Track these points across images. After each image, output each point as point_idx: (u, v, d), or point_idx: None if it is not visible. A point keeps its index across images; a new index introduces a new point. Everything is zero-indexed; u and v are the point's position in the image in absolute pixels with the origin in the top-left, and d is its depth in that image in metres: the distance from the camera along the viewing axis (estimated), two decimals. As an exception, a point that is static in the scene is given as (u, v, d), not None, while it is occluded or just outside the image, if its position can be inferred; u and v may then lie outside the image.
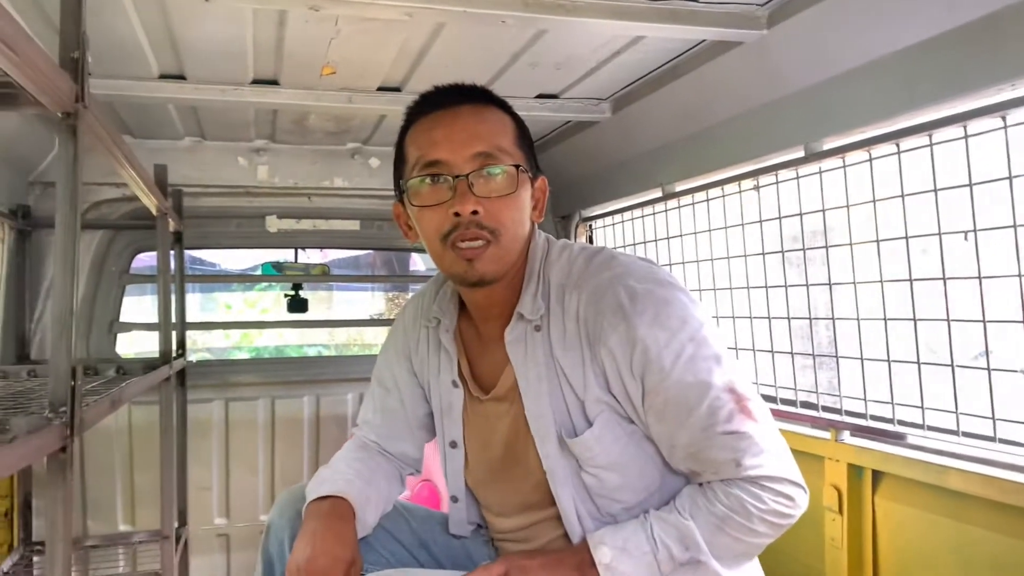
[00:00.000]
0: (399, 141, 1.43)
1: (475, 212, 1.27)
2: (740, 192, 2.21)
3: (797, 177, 1.98)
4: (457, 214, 1.27)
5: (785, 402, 2.10)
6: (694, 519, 1.25)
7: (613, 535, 1.26)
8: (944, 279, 1.60)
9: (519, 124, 1.40)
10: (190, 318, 3.01)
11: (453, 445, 1.47)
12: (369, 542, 1.42)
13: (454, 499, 1.51)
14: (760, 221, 2.14)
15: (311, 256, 3.77)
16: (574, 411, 1.32)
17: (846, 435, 1.88)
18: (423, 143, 1.34)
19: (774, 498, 1.23)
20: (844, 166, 1.82)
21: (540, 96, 2.41)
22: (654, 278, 1.30)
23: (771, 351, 2.17)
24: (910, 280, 1.68)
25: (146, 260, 3.18)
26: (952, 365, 1.61)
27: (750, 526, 1.23)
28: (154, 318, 2.53)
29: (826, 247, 1.92)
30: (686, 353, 1.23)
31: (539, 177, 1.41)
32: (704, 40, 1.92)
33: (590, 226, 3.18)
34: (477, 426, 1.45)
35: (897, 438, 1.75)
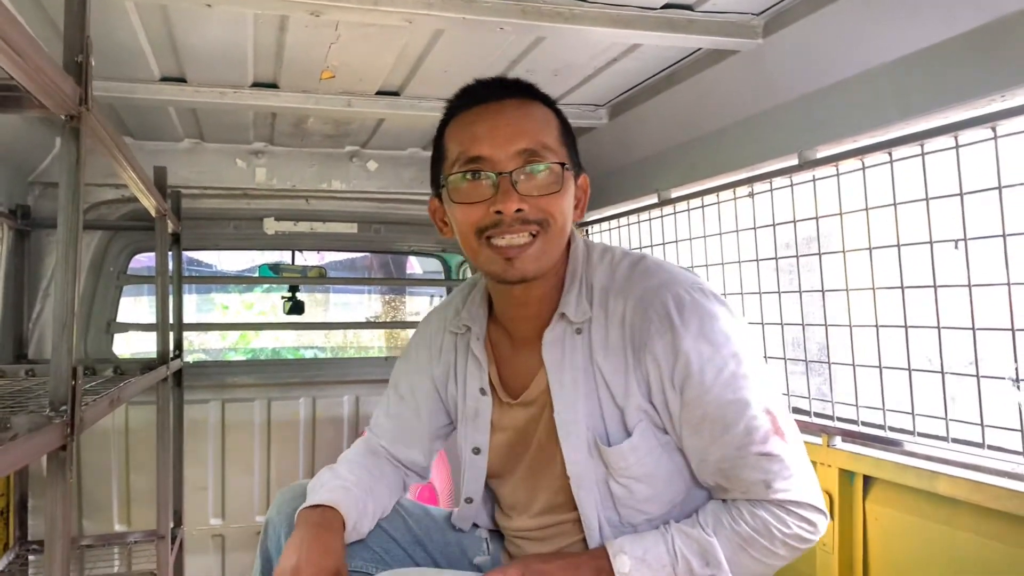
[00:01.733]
0: (438, 135, 1.40)
1: (519, 210, 1.24)
2: (735, 199, 2.23)
3: (791, 185, 2.00)
4: (499, 212, 1.24)
5: (778, 407, 2.11)
6: (717, 536, 1.23)
7: (633, 544, 1.25)
8: (935, 287, 1.62)
9: (563, 120, 1.38)
10: (187, 320, 3.02)
11: (476, 451, 1.46)
12: (365, 540, 1.43)
13: (468, 500, 1.50)
14: (754, 228, 2.16)
15: (308, 259, 3.78)
16: (611, 419, 1.30)
17: (838, 440, 1.89)
18: (464, 138, 1.31)
19: (798, 523, 1.23)
20: (838, 174, 1.84)
21: (538, 102, 2.42)
22: (700, 288, 1.28)
23: (764, 356, 2.18)
24: (901, 288, 1.70)
25: (143, 261, 3.19)
26: (942, 372, 1.63)
27: (772, 548, 1.23)
28: (149, 318, 2.54)
29: (819, 254, 1.94)
30: (728, 369, 1.22)
31: (581, 175, 1.39)
32: (700, 48, 1.94)
33: (586, 231, 3.19)
34: (505, 434, 1.43)
35: (888, 444, 1.77)
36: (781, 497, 1.21)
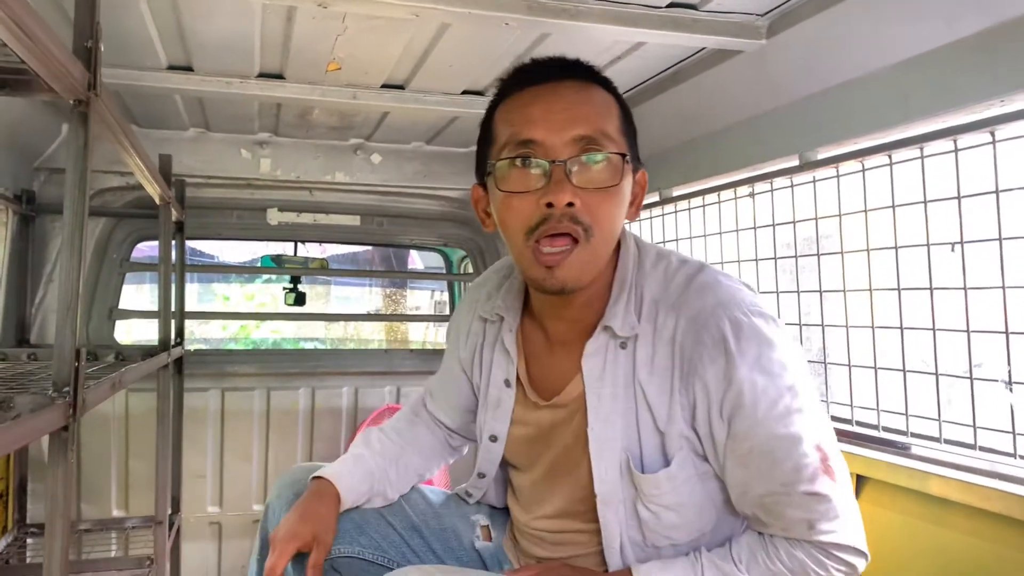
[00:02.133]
0: (486, 117, 1.29)
1: (570, 204, 1.13)
2: (736, 199, 2.24)
3: (791, 185, 2.01)
4: (550, 204, 1.14)
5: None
6: (749, 573, 1.17)
7: (662, 572, 1.20)
8: (931, 289, 1.64)
9: (624, 108, 1.27)
10: (188, 309, 3.04)
11: (493, 439, 1.41)
12: (361, 526, 1.44)
13: (481, 475, 1.46)
14: (754, 228, 2.17)
15: (310, 251, 3.80)
16: (649, 443, 1.21)
17: (832, 440, 1.91)
18: (517, 120, 1.20)
19: (837, 566, 1.16)
20: (838, 175, 1.85)
21: (542, 98, 2.44)
22: (759, 311, 1.18)
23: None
24: (898, 289, 1.71)
25: (143, 250, 3.20)
26: (936, 374, 1.64)
27: None
28: (149, 306, 2.55)
29: (817, 255, 1.95)
30: (782, 403, 1.13)
31: (640, 170, 1.29)
32: (704, 48, 1.96)
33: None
34: (526, 429, 1.37)
35: (882, 444, 1.78)
36: (824, 539, 1.14)
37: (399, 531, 1.47)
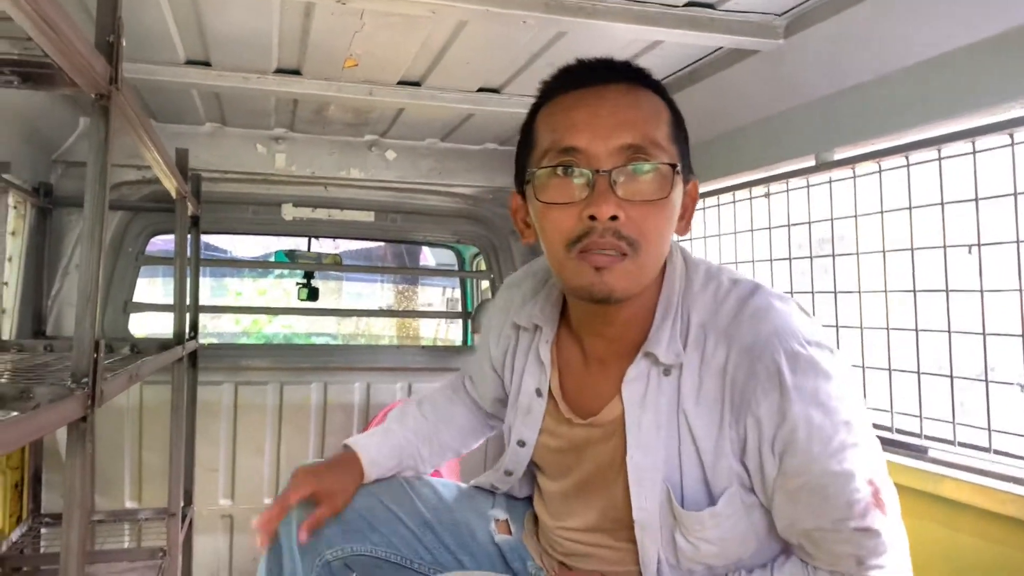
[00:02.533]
0: (528, 121, 1.22)
1: (614, 217, 1.07)
2: (751, 198, 2.24)
3: (808, 186, 2.01)
4: (593, 217, 1.07)
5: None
6: None
7: None
8: (947, 291, 1.63)
9: (676, 114, 1.19)
10: (201, 305, 3.05)
11: (521, 444, 1.36)
12: (372, 523, 1.43)
13: (508, 473, 1.42)
14: (769, 228, 2.17)
15: (324, 246, 3.81)
16: (691, 476, 1.15)
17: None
18: (559, 125, 1.13)
19: None
20: (854, 176, 1.85)
21: (557, 96, 2.44)
22: (816, 341, 1.11)
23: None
24: (914, 291, 1.71)
25: (157, 244, 3.22)
26: (951, 376, 1.63)
27: None
28: (161, 300, 2.57)
29: (832, 255, 1.94)
30: (837, 439, 1.07)
31: (692, 180, 1.20)
32: (721, 47, 1.95)
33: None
34: (557, 441, 1.32)
35: (895, 446, 1.78)
36: (871, 575, 1.10)
37: (410, 527, 1.46)
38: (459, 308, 4.53)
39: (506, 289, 1.50)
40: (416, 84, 2.34)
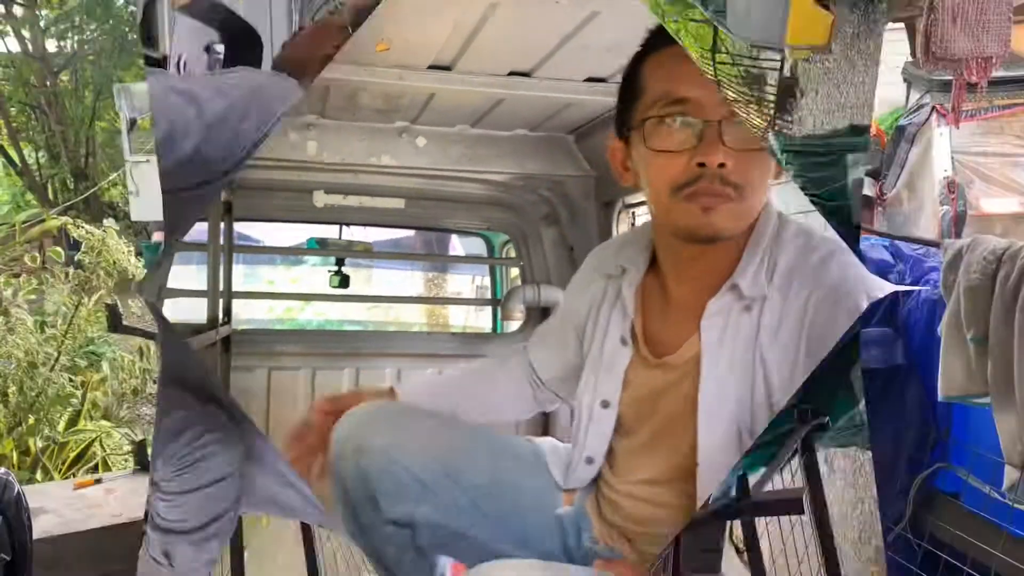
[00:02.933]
0: (632, 69, 1.28)
1: (722, 165, 1.13)
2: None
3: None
4: (702, 164, 1.14)
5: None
6: None
7: None
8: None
9: None
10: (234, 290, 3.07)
11: (605, 405, 1.34)
12: (426, 484, 1.37)
13: (589, 460, 1.38)
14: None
15: (355, 234, 3.82)
16: (761, 422, 1.18)
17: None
18: (670, 75, 1.19)
19: None
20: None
21: (589, 80, 2.41)
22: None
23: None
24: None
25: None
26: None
27: None
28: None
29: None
30: None
31: None
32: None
33: (633, 213, 3.16)
34: (635, 388, 1.33)
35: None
36: None
37: (466, 490, 1.39)
38: (489, 296, 4.51)
39: (597, 251, 1.51)
40: (447, 68, 2.33)
